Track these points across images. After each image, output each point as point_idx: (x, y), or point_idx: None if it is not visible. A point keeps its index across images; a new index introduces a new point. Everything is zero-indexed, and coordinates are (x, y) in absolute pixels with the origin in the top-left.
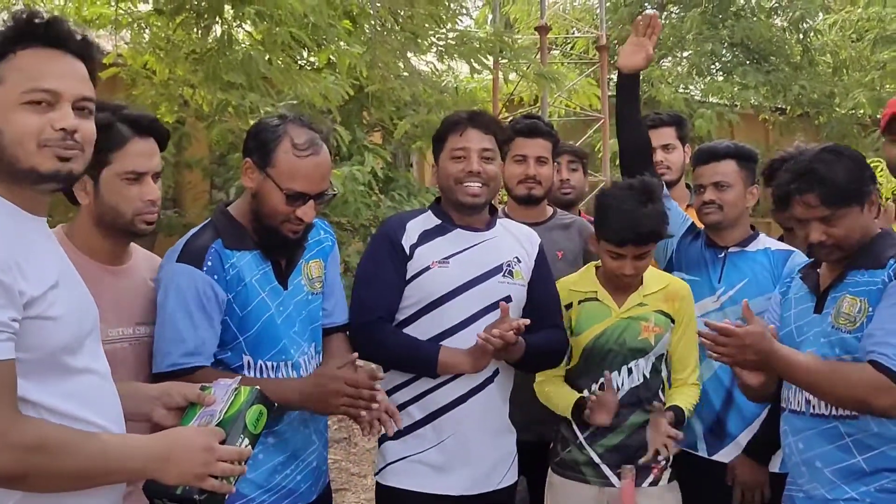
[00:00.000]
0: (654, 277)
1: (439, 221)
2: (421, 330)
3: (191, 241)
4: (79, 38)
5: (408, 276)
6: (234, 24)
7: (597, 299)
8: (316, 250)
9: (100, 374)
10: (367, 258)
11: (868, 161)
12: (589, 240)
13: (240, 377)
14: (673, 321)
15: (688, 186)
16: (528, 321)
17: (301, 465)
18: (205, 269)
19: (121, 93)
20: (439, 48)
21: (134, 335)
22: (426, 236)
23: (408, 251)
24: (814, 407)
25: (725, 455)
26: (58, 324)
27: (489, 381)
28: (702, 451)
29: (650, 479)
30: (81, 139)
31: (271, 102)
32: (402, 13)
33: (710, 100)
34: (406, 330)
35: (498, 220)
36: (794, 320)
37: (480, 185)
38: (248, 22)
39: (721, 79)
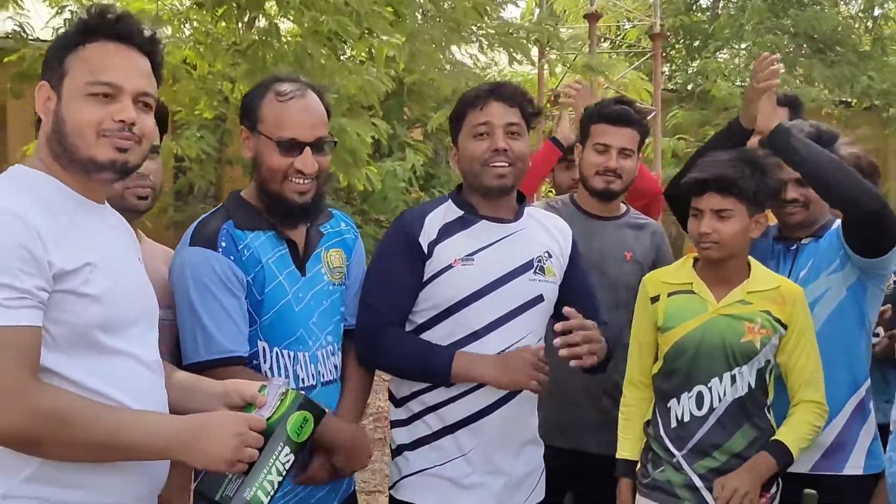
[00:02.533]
0: (763, 275)
1: (461, 213)
2: (442, 334)
3: (201, 225)
4: (147, 34)
5: (427, 277)
6: (279, 16)
7: (692, 291)
8: (336, 240)
9: (140, 361)
10: (379, 255)
11: None
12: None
13: (288, 380)
14: (785, 327)
15: None
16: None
17: None
18: (220, 250)
19: (161, 88)
20: (480, 39)
21: None
22: (447, 231)
23: (426, 249)
24: None
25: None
26: (93, 301)
27: (518, 390)
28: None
29: None
30: (139, 132)
31: None
32: (446, 4)
33: None
34: (426, 335)
35: (526, 208)
36: None
37: (507, 164)
38: (291, 13)
39: (782, 71)
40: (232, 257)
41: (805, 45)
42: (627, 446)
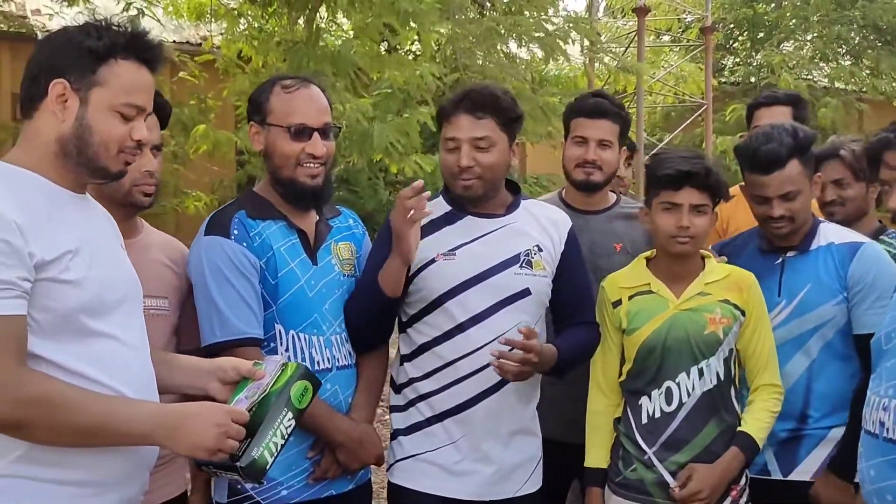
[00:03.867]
0: (715, 266)
1: (450, 208)
2: (431, 325)
3: (215, 216)
4: (163, 59)
5: (413, 270)
6: (327, 17)
7: (651, 291)
8: (346, 234)
9: (124, 343)
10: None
11: None
12: (640, 215)
13: (288, 354)
14: (743, 313)
15: None
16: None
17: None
18: (232, 237)
19: (219, 83)
20: (521, 37)
21: None
22: (433, 226)
23: None
24: (888, 430)
25: (804, 472)
26: (74, 287)
27: (504, 381)
28: (775, 474)
29: (727, 502)
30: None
31: (361, 92)
32: None
33: (837, 86)
34: (416, 326)
35: (522, 201)
36: (887, 324)
37: (473, 178)
38: (341, 12)
39: (849, 64)
40: (244, 243)
41: (873, 37)
42: (596, 454)
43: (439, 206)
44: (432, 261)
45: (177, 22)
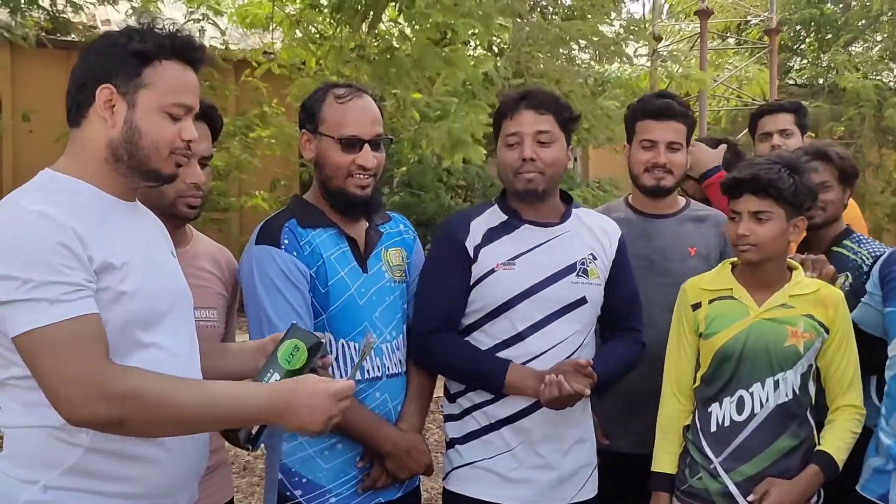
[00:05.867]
0: (803, 279)
1: (505, 217)
2: (489, 335)
3: (266, 224)
4: (205, 59)
5: (473, 280)
6: (399, 20)
7: (732, 297)
8: (396, 239)
9: (169, 352)
10: (429, 261)
11: None
12: (725, 227)
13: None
14: (827, 331)
15: None
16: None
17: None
18: (283, 246)
19: (282, 89)
20: (580, 41)
21: None
22: (491, 235)
23: (472, 253)
24: None
25: None
26: (129, 297)
27: None
28: None
29: None
30: (192, 147)
31: (428, 95)
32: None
33: None
34: (474, 335)
35: (574, 209)
36: None
37: (536, 172)
38: (417, 17)
39: None
40: (295, 253)
41: None
42: (664, 459)
43: (495, 216)
44: (492, 270)
45: (242, 30)
